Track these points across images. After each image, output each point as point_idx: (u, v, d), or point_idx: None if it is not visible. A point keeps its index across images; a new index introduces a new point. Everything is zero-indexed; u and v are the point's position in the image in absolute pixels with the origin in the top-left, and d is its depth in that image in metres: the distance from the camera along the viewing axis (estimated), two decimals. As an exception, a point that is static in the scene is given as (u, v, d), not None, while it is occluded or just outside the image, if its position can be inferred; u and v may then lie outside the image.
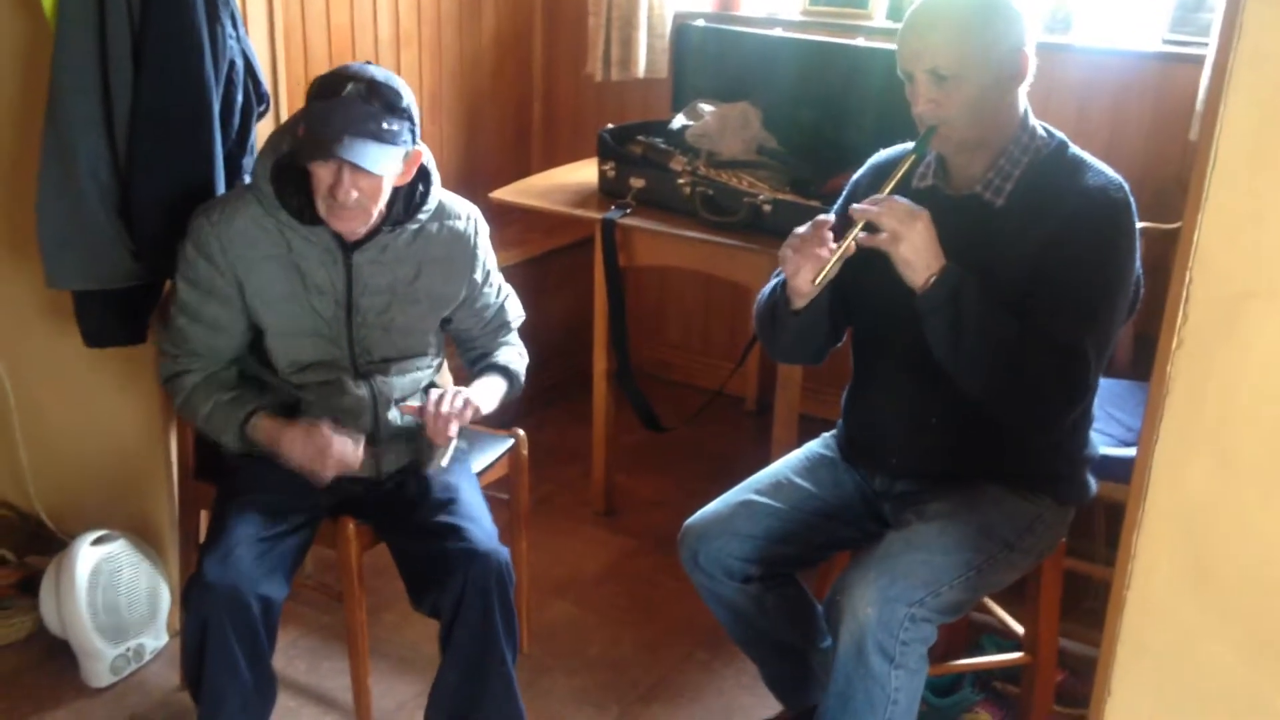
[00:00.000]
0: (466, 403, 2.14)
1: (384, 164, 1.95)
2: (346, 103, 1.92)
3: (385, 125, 1.94)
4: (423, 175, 2.13)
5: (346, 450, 2.06)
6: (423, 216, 2.13)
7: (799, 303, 1.91)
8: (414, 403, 2.19)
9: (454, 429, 2.11)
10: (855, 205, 1.84)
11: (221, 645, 1.98)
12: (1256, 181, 1.18)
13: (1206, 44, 2.78)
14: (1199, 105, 2.73)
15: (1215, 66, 1.19)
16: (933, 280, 1.79)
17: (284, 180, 2.05)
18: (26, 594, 2.63)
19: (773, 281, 2.05)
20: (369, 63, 2.00)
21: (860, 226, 1.81)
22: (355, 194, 1.96)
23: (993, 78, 1.83)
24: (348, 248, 2.08)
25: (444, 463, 2.16)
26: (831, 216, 1.88)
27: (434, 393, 2.14)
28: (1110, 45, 3.03)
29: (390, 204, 2.08)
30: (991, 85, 1.84)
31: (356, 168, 1.92)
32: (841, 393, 2.17)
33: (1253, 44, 1.15)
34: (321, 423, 2.07)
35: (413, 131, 2.00)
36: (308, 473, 2.07)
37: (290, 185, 2.05)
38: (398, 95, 1.96)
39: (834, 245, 1.83)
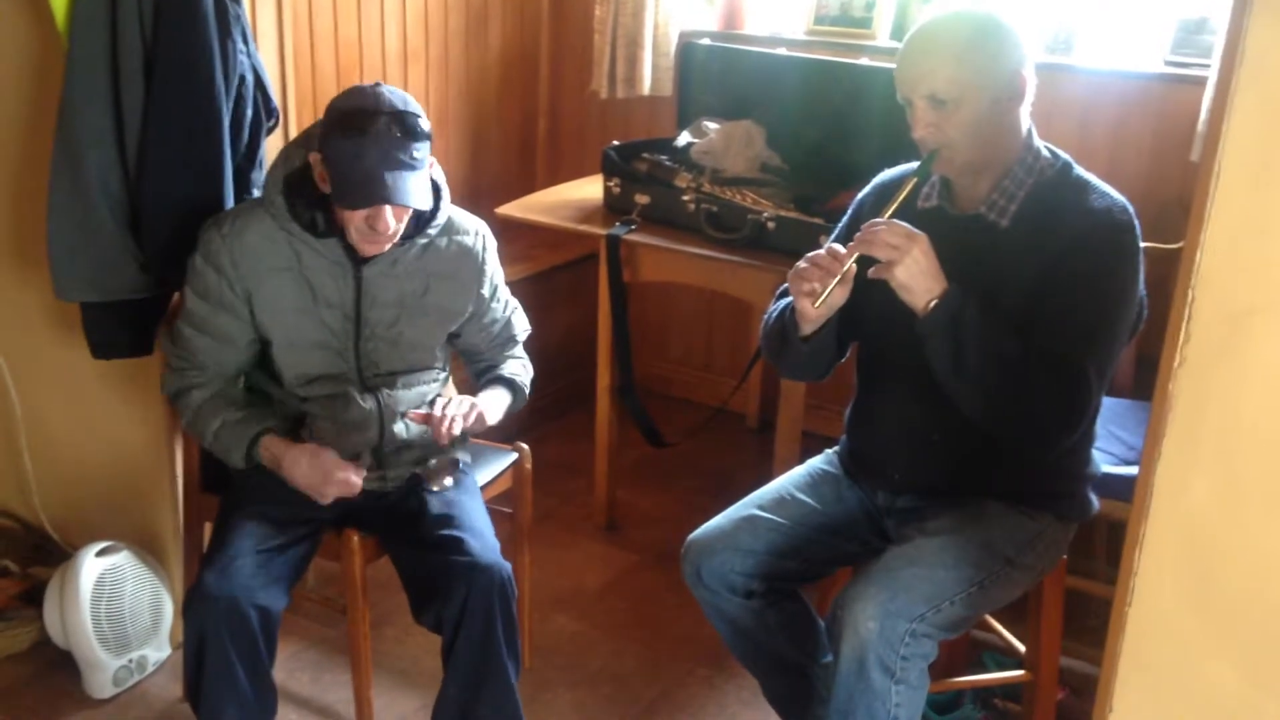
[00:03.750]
0: (473, 406, 2.15)
1: (421, 194, 1.98)
2: (379, 139, 1.92)
3: (416, 153, 1.96)
4: (433, 190, 2.14)
5: (349, 476, 2.08)
6: (432, 231, 2.15)
7: (807, 329, 1.92)
8: (421, 411, 2.21)
9: (458, 427, 2.11)
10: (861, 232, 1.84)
11: (220, 656, 1.98)
12: (1259, 199, 1.19)
13: (1208, 65, 2.79)
14: (1201, 126, 2.74)
15: (1218, 87, 1.20)
16: (933, 304, 1.80)
17: (295, 194, 2.06)
18: (30, 605, 2.64)
19: (780, 304, 2.06)
20: (379, 84, 2.00)
21: (857, 254, 1.82)
22: (397, 225, 2.00)
23: (991, 100, 1.84)
24: (358, 261, 2.10)
25: (448, 483, 2.18)
26: (839, 246, 1.88)
27: (442, 399, 2.16)
28: (1112, 66, 3.05)
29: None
30: (990, 107, 1.84)
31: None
32: (844, 410, 2.18)
33: (1256, 65, 1.16)
34: (327, 449, 2.09)
35: (429, 148, 2.02)
36: (309, 493, 2.09)
37: (301, 198, 2.06)
38: (418, 119, 1.97)
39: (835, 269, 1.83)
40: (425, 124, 1.99)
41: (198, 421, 2.15)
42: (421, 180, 1.98)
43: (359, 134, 1.92)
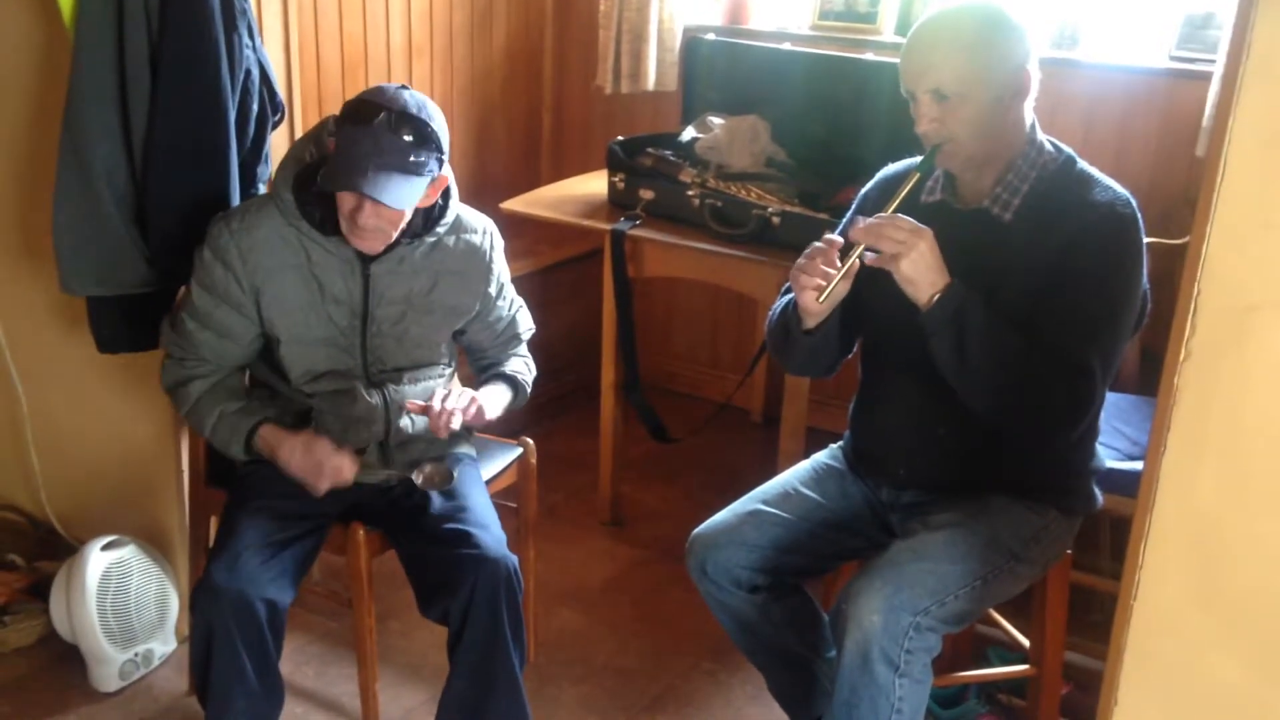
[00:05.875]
0: (473, 400, 2.15)
1: (407, 197, 1.96)
2: (375, 133, 1.92)
3: (413, 157, 1.94)
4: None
5: (343, 465, 2.08)
6: (440, 229, 2.15)
7: (810, 322, 1.92)
8: (420, 402, 2.20)
9: (457, 421, 2.12)
10: (861, 220, 1.84)
11: (228, 649, 1.99)
12: (1265, 194, 1.19)
13: (1213, 60, 2.79)
14: (1206, 121, 2.74)
15: (1224, 80, 1.20)
16: (937, 298, 1.80)
17: (305, 191, 2.06)
18: (37, 598, 2.65)
19: (784, 299, 2.06)
20: (404, 87, 1.99)
21: (863, 246, 1.82)
22: (376, 221, 1.99)
23: (995, 95, 1.84)
24: (366, 259, 2.10)
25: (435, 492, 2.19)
26: (840, 239, 1.88)
27: (441, 390, 2.16)
28: (1117, 61, 3.04)
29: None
30: (994, 102, 1.84)
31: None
32: (848, 405, 2.18)
33: (1262, 60, 1.16)
34: (322, 438, 2.09)
35: (440, 159, 2.00)
36: (304, 484, 2.09)
37: (312, 196, 2.06)
38: (427, 125, 1.96)
39: (839, 264, 1.83)
40: (434, 130, 1.97)
41: (196, 413, 2.15)
42: (414, 185, 1.96)
43: (359, 124, 1.93)
